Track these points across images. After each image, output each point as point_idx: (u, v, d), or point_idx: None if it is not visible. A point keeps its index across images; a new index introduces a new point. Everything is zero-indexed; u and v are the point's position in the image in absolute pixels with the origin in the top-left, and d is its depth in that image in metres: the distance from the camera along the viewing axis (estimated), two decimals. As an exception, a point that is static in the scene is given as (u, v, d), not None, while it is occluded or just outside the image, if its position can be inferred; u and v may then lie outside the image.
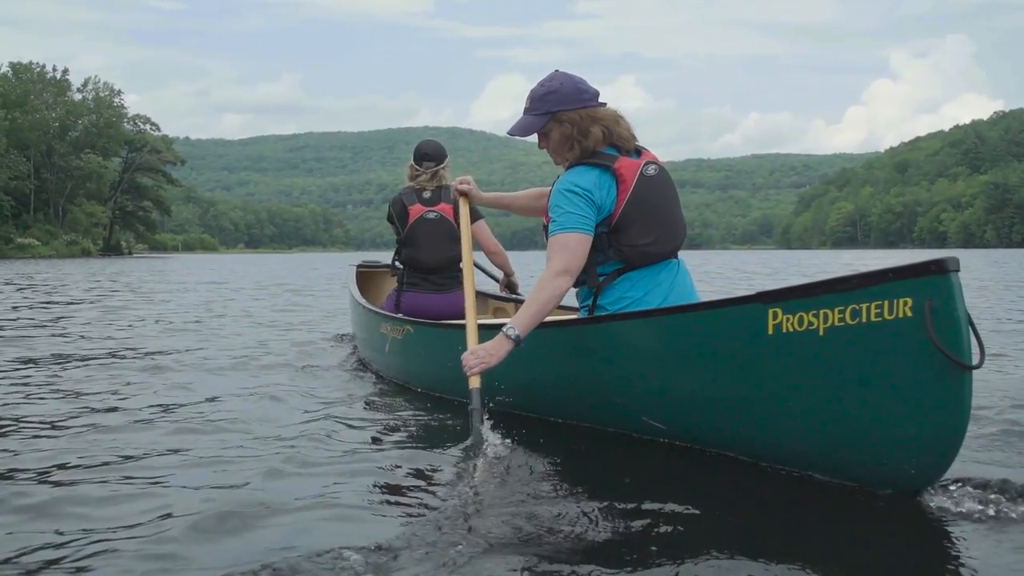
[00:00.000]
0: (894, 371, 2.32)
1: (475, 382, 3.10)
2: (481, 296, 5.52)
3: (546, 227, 3.26)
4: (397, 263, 5.19)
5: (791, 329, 2.46)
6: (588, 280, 3.26)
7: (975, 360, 2.24)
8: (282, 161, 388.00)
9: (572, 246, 3.11)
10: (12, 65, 78.51)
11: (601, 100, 3.33)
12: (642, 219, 3.18)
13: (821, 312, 2.40)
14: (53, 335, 7.37)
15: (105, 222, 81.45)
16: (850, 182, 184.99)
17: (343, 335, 6.84)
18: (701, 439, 2.89)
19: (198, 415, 3.76)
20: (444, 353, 3.81)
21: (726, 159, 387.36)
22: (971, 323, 2.29)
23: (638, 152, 3.30)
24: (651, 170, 3.25)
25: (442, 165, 5.11)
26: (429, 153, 5.11)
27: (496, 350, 3.08)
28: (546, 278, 3.11)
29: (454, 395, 3.85)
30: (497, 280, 5.43)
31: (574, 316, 3.57)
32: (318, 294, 14.45)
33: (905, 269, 2.27)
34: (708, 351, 2.73)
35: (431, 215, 4.99)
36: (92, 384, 4.62)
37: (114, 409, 3.93)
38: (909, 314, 2.25)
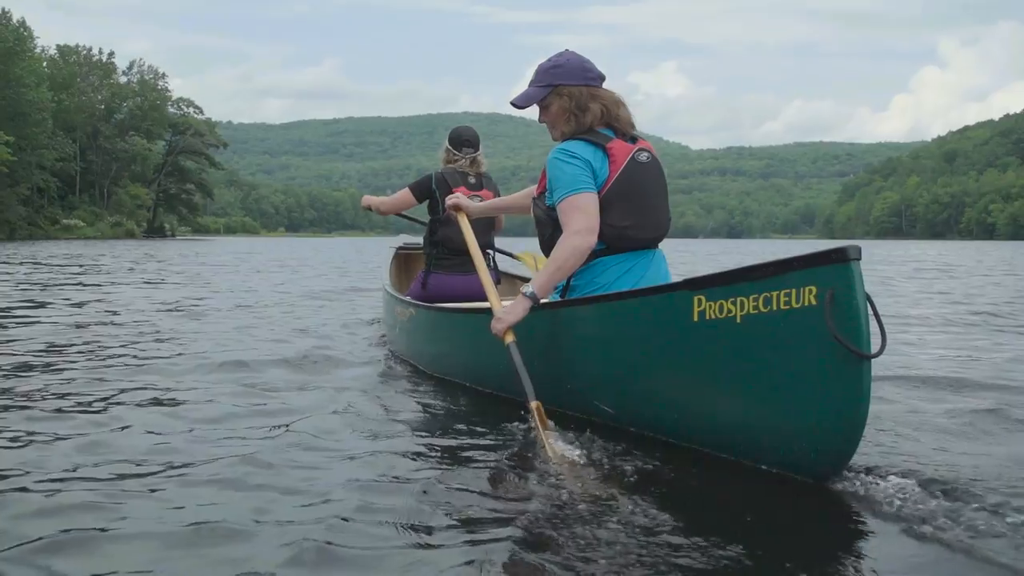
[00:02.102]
0: (798, 359, 2.35)
1: (508, 338, 3.20)
2: (508, 278, 5.85)
3: (537, 216, 3.38)
4: (430, 242, 5.24)
5: (713, 316, 2.50)
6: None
7: (874, 349, 2.26)
8: (323, 146, 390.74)
9: (583, 205, 3.15)
10: (59, 48, 79.69)
11: (608, 87, 3.38)
12: (625, 202, 3.21)
13: (738, 300, 2.44)
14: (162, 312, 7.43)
15: (149, 204, 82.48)
16: (896, 171, 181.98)
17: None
18: (642, 424, 2.93)
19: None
20: (444, 336, 4.03)
21: (768, 147, 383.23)
22: (875, 311, 2.34)
23: (634, 139, 3.34)
24: (643, 157, 3.29)
25: (479, 152, 5.23)
26: (469, 139, 5.25)
27: (514, 308, 3.23)
28: (564, 238, 3.16)
29: (452, 376, 4.05)
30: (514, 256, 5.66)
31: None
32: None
33: (810, 258, 2.29)
34: (642, 337, 2.79)
35: (476, 200, 4.97)
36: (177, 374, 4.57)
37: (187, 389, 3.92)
38: (814, 302, 2.28)
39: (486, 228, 5.08)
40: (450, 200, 4.31)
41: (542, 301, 3.22)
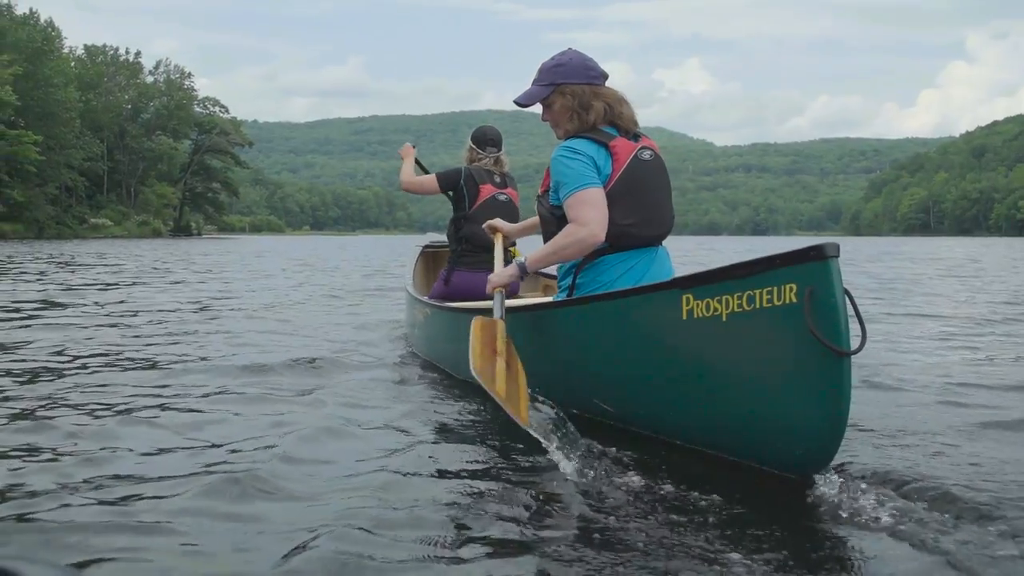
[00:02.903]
0: (781, 356, 2.35)
1: (494, 290, 3.48)
2: (532, 275, 5.73)
3: (541, 214, 3.40)
4: (455, 239, 5.25)
5: (701, 315, 2.50)
6: None
7: (854, 346, 2.26)
8: (347, 144, 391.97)
9: (590, 199, 3.15)
10: (87, 48, 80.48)
11: (611, 85, 3.38)
12: (628, 200, 3.20)
13: (723, 298, 2.44)
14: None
15: (175, 203, 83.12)
16: (923, 167, 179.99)
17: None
18: (640, 423, 2.93)
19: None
20: (455, 336, 4.01)
21: (793, 143, 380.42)
22: (855, 308, 2.36)
23: (637, 137, 3.33)
24: (646, 155, 3.29)
25: (502, 151, 5.29)
26: (494, 139, 5.31)
27: (505, 270, 3.52)
28: (572, 227, 3.17)
29: (464, 376, 3.97)
30: None
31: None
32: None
33: (790, 255, 2.29)
34: (635, 336, 2.80)
35: (502, 197, 5.20)
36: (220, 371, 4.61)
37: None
38: (794, 300, 2.28)
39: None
40: (489, 223, 4.45)
41: (553, 298, 3.25)
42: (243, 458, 2.74)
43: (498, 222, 4.43)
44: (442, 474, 2.60)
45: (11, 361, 4.71)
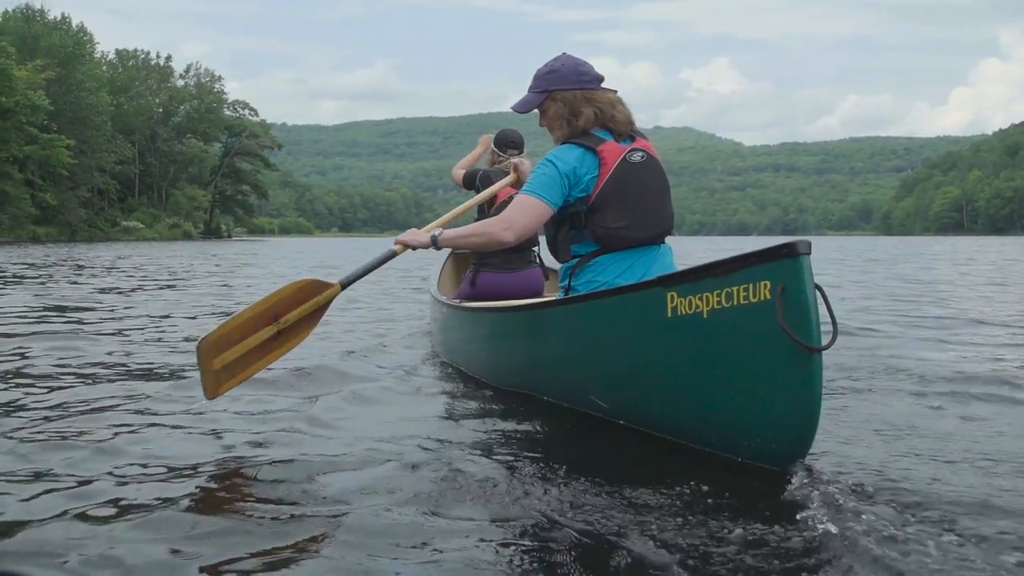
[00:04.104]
0: (756, 351, 2.40)
1: (397, 248, 3.55)
2: (555, 273, 5.82)
3: None
4: None
5: (684, 312, 2.56)
6: (561, 256, 3.44)
7: (825, 341, 2.32)
8: (375, 146, 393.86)
9: (527, 206, 3.26)
10: (118, 52, 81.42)
11: (610, 87, 3.42)
12: (618, 203, 3.25)
13: (704, 295, 2.50)
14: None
15: (206, 206, 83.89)
16: (956, 166, 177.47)
17: None
18: (631, 418, 2.99)
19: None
20: (468, 335, 4.14)
21: (823, 142, 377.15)
22: (827, 304, 2.43)
23: (631, 138, 3.36)
24: (636, 157, 3.31)
25: (523, 154, 5.27)
26: (515, 141, 5.33)
27: (420, 238, 3.54)
28: (492, 221, 3.32)
29: (481, 375, 4.08)
30: None
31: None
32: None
33: (764, 253, 2.34)
34: (624, 333, 2.84)
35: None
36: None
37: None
38: (768, 296, 2.33)
39: None
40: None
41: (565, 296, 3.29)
42: (245, 452, 2.78)
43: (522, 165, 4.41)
44: (416, 467, 2.64)
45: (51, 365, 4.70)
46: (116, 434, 3.11)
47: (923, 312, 7.97)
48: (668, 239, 3.47)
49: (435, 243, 3.49)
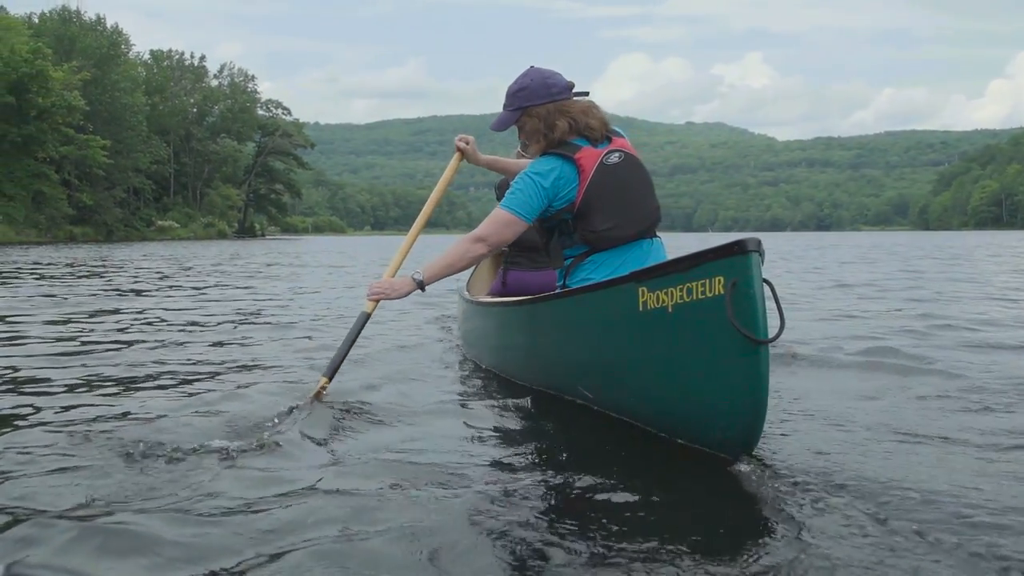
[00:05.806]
0: (710, 344, 2.50)
1: (369, 307, 3.55)
2: None
3: (535, 227, 3.50)
4: None
5: (653, 306, 2.66)
6: (554, 262, 3.52)
7: (771, 335, 2.42)
8: (406, 144, 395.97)
9: (502, 222, 3.36)
10: (152, 52, 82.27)
11: (583, 90, 3.52)
12: (602, 206, 3.32)
13: (669, 290, 2.59)
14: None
15: (240, 205, 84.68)
16: (995, 159, 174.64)
17: None
18: (614, 408, 3.11)
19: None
20: (487, 330, 4.27)
21: (858, 136, 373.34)
22: (776, 298, 2.55)
23: (608, 139, 3.44)
24: (613, 158, 3.38)
25: None
26: None
27: (400, 287, 3.49)
28: (465, 239, 3.43)
29: (497, 369, 4.17)
30: None
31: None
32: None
33: (719, 249, 2.44)
34: (602, 327, 2.96)
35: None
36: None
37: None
38: (721, 292, 2.43)
39: None
40: (460, 139, 4.33)
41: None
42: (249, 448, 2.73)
43: (465, 143, 4.31)
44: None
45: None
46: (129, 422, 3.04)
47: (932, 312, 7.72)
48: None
49: (421, 286, 3.47)
